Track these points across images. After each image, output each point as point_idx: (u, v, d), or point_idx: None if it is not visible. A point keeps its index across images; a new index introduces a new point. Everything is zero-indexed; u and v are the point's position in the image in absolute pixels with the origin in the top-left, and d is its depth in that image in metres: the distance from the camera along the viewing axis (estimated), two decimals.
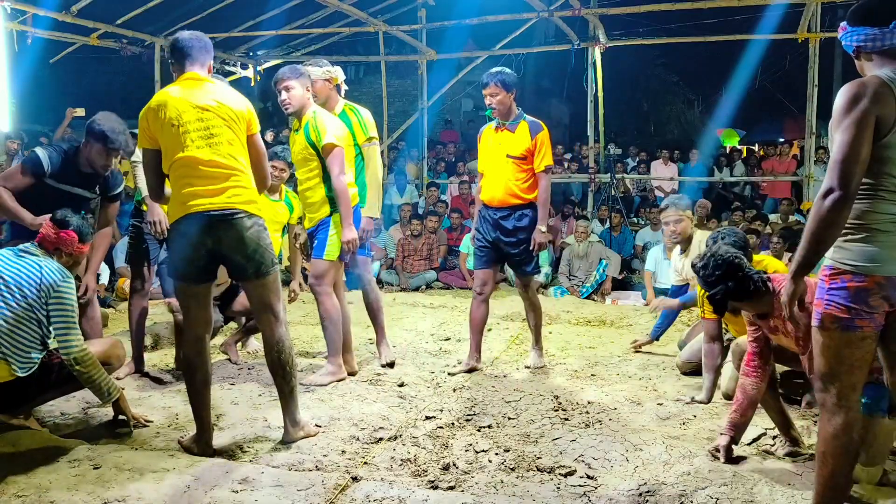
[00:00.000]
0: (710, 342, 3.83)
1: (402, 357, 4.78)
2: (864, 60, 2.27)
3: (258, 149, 3.15)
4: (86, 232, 3.35)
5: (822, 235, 2.15)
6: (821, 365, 2.28)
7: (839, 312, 2.20)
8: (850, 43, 2.27)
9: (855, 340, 2.21)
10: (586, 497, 2.73)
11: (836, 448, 2.25)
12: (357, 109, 4.49)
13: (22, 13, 7.77)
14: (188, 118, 2.95)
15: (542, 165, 4.28)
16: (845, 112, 2.14)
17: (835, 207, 2.11)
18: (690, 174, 11.00)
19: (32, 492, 2.62)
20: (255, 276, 3.05)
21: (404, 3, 10.45)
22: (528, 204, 4.33)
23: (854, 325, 2.19)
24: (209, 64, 3.16)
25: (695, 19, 11.54)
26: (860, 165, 2.11)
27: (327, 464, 3.03)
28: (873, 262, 2.17)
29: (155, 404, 3.69)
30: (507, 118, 4.31)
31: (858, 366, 2.24)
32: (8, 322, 3.05)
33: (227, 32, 10.10)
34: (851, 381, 2.25)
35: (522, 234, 4.34)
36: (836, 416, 2.25)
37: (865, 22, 2.22)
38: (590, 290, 7.47)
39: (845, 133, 2.12)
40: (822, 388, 2.29)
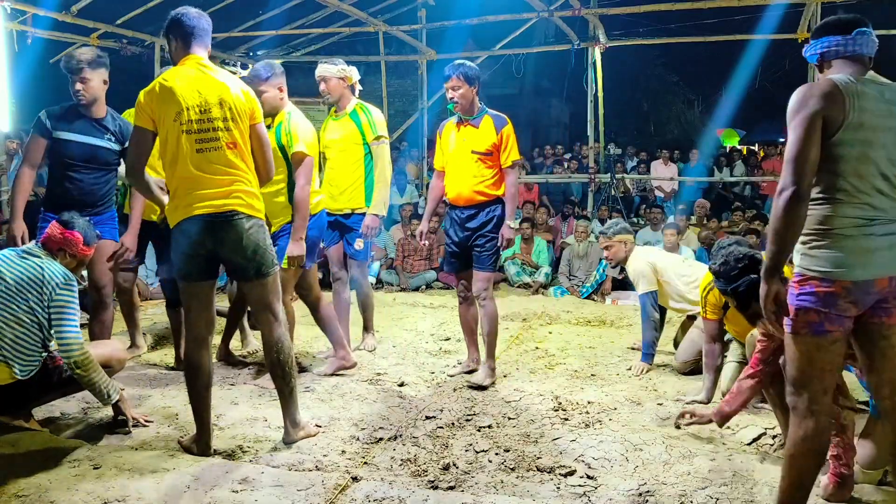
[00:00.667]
0: (710, 342, 3.84)
1: (401, 357, 4.79)
2: (825, 70, 2.37)
3: (261, 139, 3.09)
4: (90, 235, 3.36)
5: (782, 233, 2.21)
6: (792, 370, 2.31)
7: (809, 317, 2.24)
8: (815, 52, 2.37)
9: (825, 344, 2.24)
10: (586, 497, 2.73)
11: (804, 452, 2.28)
12: (368, 109, 4.58)
13: (22, 13, 7.76)
14: (193, 116, 2.92)
15: (508, 161, 4.12)
16: (795, 113, 2.23)
17: (790, 204, 2.17)
18: (690, 174, 11.00)
19: (32, 492, 2.62)
20: (255, 277, 3.05)
21: (404, 3, 10.45)
22: (494, 200, 4.17)
23: (824, 328, 2.23)
24: (209, 47, 3.11)
25: (695, 19, 11.53)
26: (810, 163, 2.18)
27: (327, 464, 3.03)
28: (839, 267, 2.21)
29: (155, 404, 3.69)
30: (469, 113, 4.15)
31: (829, 370, 2.28)
32: (9, 324, 3.05)
33: (227, 32, 10.09)
34: (822, 386, 2.28)
35: (489, 227, 4.16)
36: (807, 420, 2.27)
37: (829, 32, 2.34)
38: (590, 290, 7.47)
39: (794, 132, 2.21)
40: (793, 392, 2.32)
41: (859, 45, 2.31)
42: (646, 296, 4.51)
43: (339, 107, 4.61)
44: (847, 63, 2.31)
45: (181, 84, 2.93)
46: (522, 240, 8.19)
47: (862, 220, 2.21)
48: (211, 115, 2.93)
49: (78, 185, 3.92)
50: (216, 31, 10.94)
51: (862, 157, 2.20)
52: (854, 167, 2.20)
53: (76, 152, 3.90)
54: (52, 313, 3.09)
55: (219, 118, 2.94)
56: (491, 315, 4.19)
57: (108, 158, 4.01)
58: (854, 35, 2.30)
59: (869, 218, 2.21)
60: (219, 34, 10.11)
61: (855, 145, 2.20)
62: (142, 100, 2.95)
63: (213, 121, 2.93)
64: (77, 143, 3.89)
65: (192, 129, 2.91)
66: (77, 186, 3.92)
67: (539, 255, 8.11)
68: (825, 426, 2.28)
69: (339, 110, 4.61)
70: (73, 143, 3.89)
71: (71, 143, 3.88)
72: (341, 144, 4.57)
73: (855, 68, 2.30)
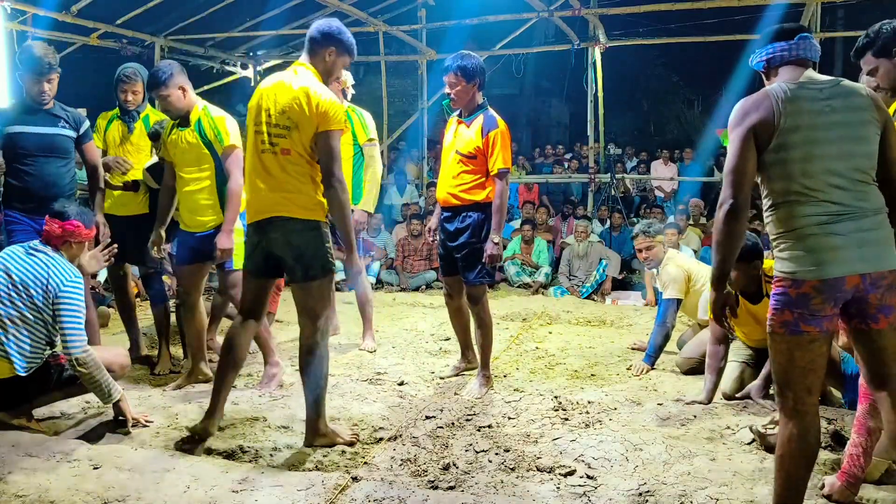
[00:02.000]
0: (715, 344, 3.82)
1: (401, 357, 4.79)
2: (772, 77, 2.42)
3: (324, 148, 2.99)
4: (87, 218, 3.37)
5: (724, 244, 2.31)
6: (776, 371, 2.33)
7: (783, 317, 2.27)
8: (761, 59, 2.45)
9: (803, 343, 2.25)
10: (586, 497, 2.73)
11: (791, 452, 2.29)
12: (358, 111, 4.70)
13: (22, 13, 7.76)
14: (263, 118, 3.04)
15: (494, 168, 3.79)
16: (732, 128, 2.31)
17: (729, 216, 2.28)
18: (687, 174, 11.00)
19: (32, 492, 2.62)
20: (301, 279, 3.09)
21: (404, 3, 10.44)
22: (471, 205, 3.88)
23: (799, 328, 2.24)
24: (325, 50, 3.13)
25: (695, 19, 11.52)
26: (747, 176, 2.27)
27: (327, 464, 3.03)
28: (805, 266, 2.22)
29: (155, 404, 3.69)
30: (468, 110, 3.91)
31: (811, 368, 2.28)
32: (13, 320, 3.06)
33: (227, 32, 10.09)
34: (805, 385, 2.29)
35: (464, 237, 3.90)
36: (792, 420, 2.29)
37: (773, 40, 2.43)
38: (590, 290, 7.47)
39: (731, 146, 2.30)
40: (779, 393, 2.34)
41: (803, 49, 2.37)
42: (670, 301, 4.47)
43: None
44: (792, 68, 2.37)
45: (267, 86, 3.09)
46: (522, 240, 8.19)
47: (824, 218, 2.22)
48: (274, 121, 3.02)
49: (40, 178, 3.92)
50: (216, 31, 10.94)
51: (807, 158, 2.23)
52: (801, 168, 2.24)
53: (34, 143, 3.91)
54: (56, 311, 3.10)
55: (280, 124, 3.02)
56: (484, 325, 4.04)
57: (67, 146, 4.04)
58: (797, 40, 2.37)
59: (832, 214, 2.22)
60: (219, 34, 10.11)
61: (796, 147, 2.24)
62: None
63: (276, 126, 3.02)
64: (34, 134, 3.91)
65: (261, 130, 3.05)
66: (39, 178, 3.92)
67: (539, 255, 8.11)
68: (811, 426, 2.29)
69: None
70: (30, 135, 3.91)
71: (27, 135, 3.90)
72: None
73: (798, 73, 2.35)
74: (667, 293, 4.50)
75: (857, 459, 2.65)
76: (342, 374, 4.29)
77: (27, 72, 3.89)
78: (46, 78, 3.89)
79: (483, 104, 3.94)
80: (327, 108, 2.98)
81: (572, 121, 18.38)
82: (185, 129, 3.86)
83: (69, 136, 4.05)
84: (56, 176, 3.98)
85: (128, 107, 4.32)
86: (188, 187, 3.90)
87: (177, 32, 9.69)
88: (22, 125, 3.91)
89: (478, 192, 3.90)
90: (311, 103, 2.97)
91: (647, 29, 12.28)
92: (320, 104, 2.97)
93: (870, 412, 2.64)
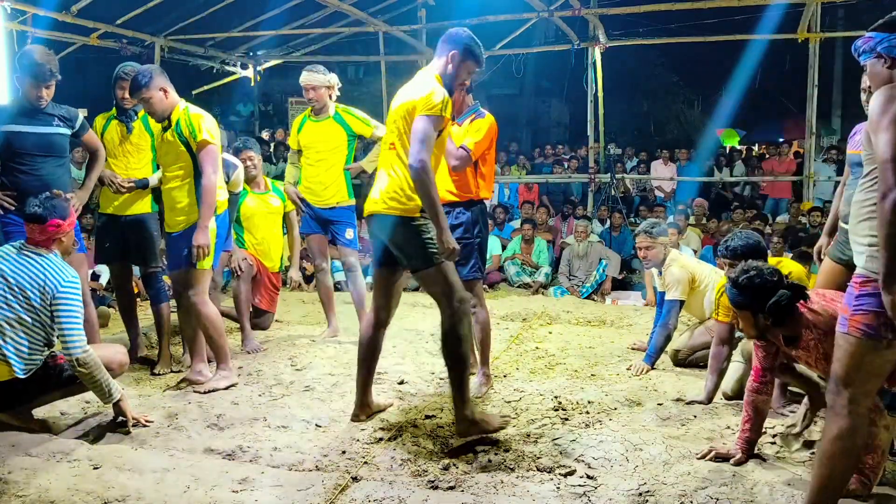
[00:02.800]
0: (719, 345, 3.81)
1: (401, 357, 4.79)
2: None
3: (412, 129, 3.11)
4: (61, 207, 3.32)
5: (895, 237, 2.10)
6: (838, 368, 2.27)
7: (866, 320, 2.19)
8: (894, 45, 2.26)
9: (879, 349, 2.20)
10: (586, 497, 2.73)
11: (838, 451, 2.25)
12: (349, 109, 4.89)
13: (22, 13, 7.76)
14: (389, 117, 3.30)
15: (460, 141, 3.80)
16: (883, 112, 2.13)
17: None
18: (685, 174, 11.01)
19: (32, 492, 2.62)
20: (411, 270, 3.29)
21: (404, 3, 10.45)
22: (465, 202, 3.95)
23: (880, 334, 2.18)
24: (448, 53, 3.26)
25: (695, 19, 11.54)
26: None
27: (327, 464, 3.03)
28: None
29: (155, 404, 3.69)
30: (459, 114, 4.00)
31: (877, 374, 2.25)
32: (10, 323, 3.06)
33: (227, 32, 10.09)
34: (866, 388, 2.25)
35: (458, 233, 3.89)
36: (843, 419, 2.25)
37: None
38: (590, 290, 7.47)
39: (888, 132, 2.11)
40: (834, 391, 2.28)
41: None
42: (673, 302, 4.46)
43: (318, 111, 4.88)
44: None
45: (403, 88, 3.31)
46: (523, 240, 8.19)
47: None
48: (392, 118, 3.24)
49: (37, 177, 3.91)
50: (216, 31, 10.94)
51: None
52: None
53: (31, 143, 3.91)
54: (54, 312, 3.10)
55: (391, 120, 3.24)
56: (482, 322, 4.05)
57: (63, 144, 4.06)
58: None
59: None
60: (219, 34, 10.11)
61: None
62: None
63: (394, 122, 3.22)
64: (32, 133, 3.91)
65: (389, 128, 3.28)
66: (37, 178, 3.91)
67: (539, 255, 8.10)
68: (861, 425, 2.25)
69: (320, 114, 4.87)
70: (28, 135, 3.90)
71: (25, 134, 3.90)
72: (327, 145, 4.83)
73: None
74: (670, 294, 4.49)
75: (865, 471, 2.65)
76: (342, 373, 4.29)
77: (27, 76, 3.88)
78: (46, 84, 3.89)
79: (475, 106, 4.05)
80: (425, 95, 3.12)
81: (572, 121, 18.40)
82: (167, 131, 3.89)
83: (65, 135, 4.05)
84: (53, 175, 3.98)
85: (125, 105, 4.31)
86: (167, 185, 3.95)
87: (177, 32, 9.69)
88: (18, 125, 3.90)
89: (469, 190, 3.97)
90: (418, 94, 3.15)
91: (647, 29, 12.30)
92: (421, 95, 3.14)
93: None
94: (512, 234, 8.74)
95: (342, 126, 4.85)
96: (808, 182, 9.24)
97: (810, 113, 9.04)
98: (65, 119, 4.05)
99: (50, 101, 4.01)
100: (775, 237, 7.33)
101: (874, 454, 2.65)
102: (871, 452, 2.64)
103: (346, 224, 4.95)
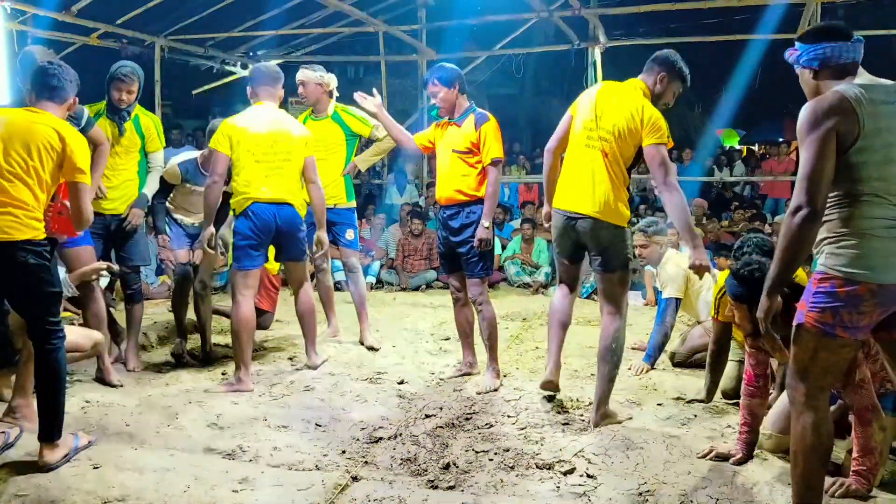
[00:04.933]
0: (717, 344, 3.78)
1: (401, 357, 4.79)
2: (822, 78, 2.32)
3: (653, 162, 3.39)
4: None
5: (793, 252, 2.20)
6: (795, 362, 2.31)
7: (821, 317, 2.22)
8: (814, 57, 2.32)
9: (833, 346, 2.23)
10: (586, 496, 2.73)
11: (805, 447, 2.29)
12: (348, 108, 4.92)
13: (22, 13, 7.75)
14: (592, 124, 3.50)
15: (488, 158, 4.02)
16: (808, 130, 2.20)
17: (804, 224, 2.16)
18: (686, 174, 11.00)
19: (32, 492, 2.62)
20: (602, 270, 3.51)
21: (404, 3, 10.43)
22: (476, 200, 4.09)
23: (833, 332, 2.21)
24: (658, 74, 3.58)
25: (695, 19, 11.53)
26: (825, 181, 2.16)
27: (327, 464, 3.03)
28: (866, 269, 2.18)
29: (155, 404, 3.69)
30: (453, 114, 4.13)
31: (832, 370, 2.28)
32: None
33: (227, 32, 10.08)
34: (822, 383, 2.28)
35: (469, 232, 4.09)
36: (805, 414, 2.28)
37: (829, 38, 2.31)
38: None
39: (808, 150, 2.18)
40: (792, 385, 2.32)
41: (856, 51, 2.30)
42: (670, 300, 4.47)
43: (317, 110, 4.92)
44: (840, 69, 2.30)
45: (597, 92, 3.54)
46: (523, 240, 8.19)
47: (891, 222, 2.19)
48: (598, 124, 3.45)
49: None
50: (216, 31, 10.93)
51: (885, 161, 2.19)
52: (878, 171, 2.19)
53: None
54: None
55: (600, 128, 3.44)
56: (489, 319, 4.17)
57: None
58: (855, 42, 2.30)
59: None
60: (219, 34, 10.10)
61: (877, 150, 2.18)
62: None
63: (599, 129, 3.43)
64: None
65: (591, 134, 3.48)
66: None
67: (539, 254, 8.11)
68: (823, 420, 2.28)
69: (319, 113, 4.92)
70: None
71: None
72: (324, 144, 4.81)
73: (849, 75, 2.29)
74: (666, 292, 4.50)
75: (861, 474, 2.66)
76: (342, 373, 4.29)
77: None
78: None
79: (471, 107, 4.15)
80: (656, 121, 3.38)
81: None
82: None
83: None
84: None
85: (120, 105, 4.28)
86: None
87: (177, 32, 9.68)
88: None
89: (481, 188, 4.09)
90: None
91: (647, 29, 12.29)
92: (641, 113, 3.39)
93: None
94: (512, 233, 8.73)
95: (340, 126, 4.89)
96: None
97: None
98: (71, 117, 4.03)
99: None
100: (775, 237, 7.33)
101: (871, 456, 2.65)
102: (868, 454, 2.65)
103: (347, 225, 4.97)
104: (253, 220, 4.01)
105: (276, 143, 4.07)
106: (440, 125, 4.24)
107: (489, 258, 4.17)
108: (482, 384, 4.08)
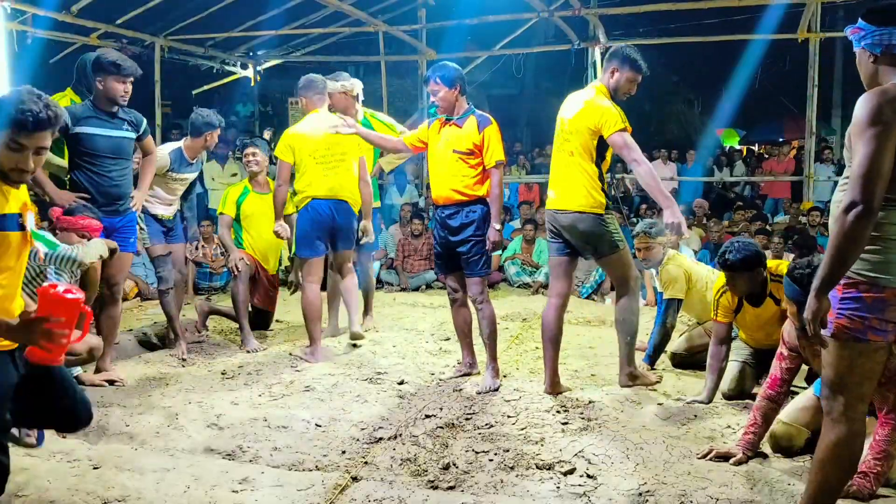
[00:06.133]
0: (717, 344, 3.81)
1: (401, 357, 4.79)
2: (882, 64, 2.17)
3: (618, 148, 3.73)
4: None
5: (846, 251, 2.07)
6: (830, 374, 2.24)
7: (851, 323, 2.16)
8: (878, 42, 2.15)
9: (867, 352, 2.17)
10: (586, 497, 2.73)
11: (834, 457, 2.24)
12: (376, 115, 5.17)
13: (22, 13, 7.76)
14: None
15: (492, 161, 4.04)
16: (867, 124, 2.05)
17: (858, 222, 2.04)
18: (688, 175, 11.00)
19: (32, 492, 2.62)
20: (598, 258, 3.92)
21: (404, 3, 10.43)
22: (475, 200, 4.10)
23: (865, 337, 2.16)
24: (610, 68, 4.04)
25: (695, 19, 11.53)
26: (882, 179, 2.05)
27: (327, 464, 3.03)
28: (891, 273, 2.13)
29: (155, 404, 3.69)
30: (452, 114, 4.12)
31: (869, 377, 2.22)
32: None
33: (227, 32, 10.09)
34: (860, 392, 2.22)
35: (470, 231, 4.10)
36: (840, 425, 2.22)
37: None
38: (589, 291, 7.47)
39: (867, 146, 2.05)
40: (829, 397, 2.25)
41: None
42: (671, 301, 4.45)
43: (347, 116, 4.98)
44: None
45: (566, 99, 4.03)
46: (524, 240, 8.19)
47: None
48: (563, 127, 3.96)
49: (107, 179, 4.06)
50: (216, 31, 10.93)
51: None
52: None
53: (102, 146, 4.03)
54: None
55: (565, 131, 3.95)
56: (489, 318, 4.18)
57: (130, 149, 4.21)
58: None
59: None
60: (219, 34, 10.11)
61: None
62: None
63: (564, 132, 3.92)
64: (102, 136, 4.03)
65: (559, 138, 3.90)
66: (107, 180, 4.06)
67: (540, 255, 8.10)
68: (858, 432, 2.23)
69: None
70: (98, 137, 4.02)
71: (95, 136, 4.01)
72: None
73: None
74: (667, 293, 4.50)
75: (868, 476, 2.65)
76: (342, 373, 4.29)
77: (108, 74, 4.00)
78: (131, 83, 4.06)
79: (470, 108, 4.15)
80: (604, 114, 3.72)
81: None
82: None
83: (132, 139, 4.19)
84: (121, 178, 4.14)
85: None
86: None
87: (177, 32, 9.68)
88: (88, 127, 4.00)
89: (479, 187, 4.11)
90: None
91: (647, 29, 12.30)
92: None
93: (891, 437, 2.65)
94: (512, 234, 8.73)
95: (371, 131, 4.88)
96: (808, 182, 9.24)
97: (810, 113, 9.03)
98: (133, 123, 4.18)
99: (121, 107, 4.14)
100: (776, 237, 7.32)
101: (886, 461, 2.64)
102: (885, 458, 2.63)
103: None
104: (312, 215, 4.58)
105: (332, 145, 4.60)
106: (435, 124, 4.22)
107: (488, 256, 4.19)
108: (482, 384, 4.09)
